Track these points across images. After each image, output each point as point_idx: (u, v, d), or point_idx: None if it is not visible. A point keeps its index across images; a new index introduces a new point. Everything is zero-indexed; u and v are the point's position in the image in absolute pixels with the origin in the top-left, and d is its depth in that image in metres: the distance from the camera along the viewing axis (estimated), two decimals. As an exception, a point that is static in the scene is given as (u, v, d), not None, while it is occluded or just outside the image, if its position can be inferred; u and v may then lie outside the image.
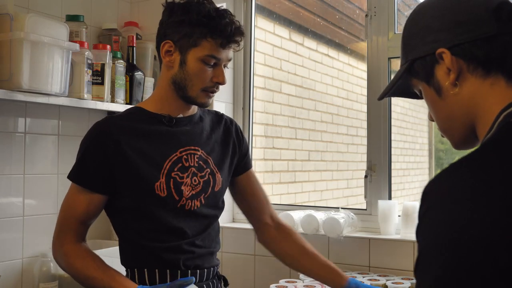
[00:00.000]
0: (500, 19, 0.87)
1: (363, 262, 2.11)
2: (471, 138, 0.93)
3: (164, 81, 1.55)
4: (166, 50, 1.51)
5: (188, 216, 1.51)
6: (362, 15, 2.33)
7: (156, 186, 1.47)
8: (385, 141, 2.21)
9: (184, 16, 1.47)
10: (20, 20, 1.80)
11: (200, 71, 1.48)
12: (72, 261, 1.48)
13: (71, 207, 1.51)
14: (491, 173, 0.72)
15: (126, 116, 1.54)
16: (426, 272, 0.72)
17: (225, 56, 1.50)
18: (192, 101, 1.53)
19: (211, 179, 1.56)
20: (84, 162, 1.49)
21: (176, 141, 1.53)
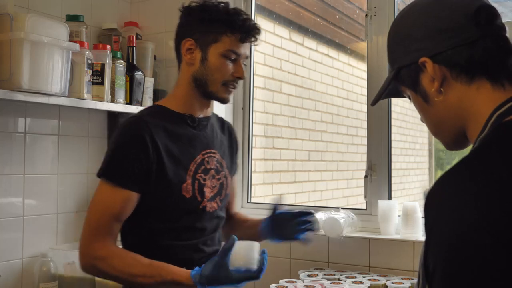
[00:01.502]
0: (479, 24, 0.88)
1: (363, 262, 2.11)
2: (462, 139, 0.94)
3: (184, 79, 1.58)
4: (187, 48, 1.55)
5: (206, 217, 1.57)
6: (362, 15, 2.33)
7: (183, 187, 1.51)
8: (385, 141, 2.21)
9: (203, 14, 1.54)
10: (20, 20, 1.80)
11: (221, 65, 1.53)
12: (114, 263, 1.44)
13: (106, 207, 1.47)
14: (490, 174, 0.73)
15: (154, 115, 1.55)
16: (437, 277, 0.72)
17: (243, 51, 1.56)
18: (213, 96, 1.57)
19: (225, 182, 1.63)
20: (120, 160, 1.47)
21: (199, 143, 1.58)
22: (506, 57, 0.89)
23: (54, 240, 2.24)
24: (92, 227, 1.48)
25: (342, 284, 1.83)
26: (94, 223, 1.48)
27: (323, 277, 1.95)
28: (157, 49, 2.51)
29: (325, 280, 1.91)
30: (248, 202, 2.52)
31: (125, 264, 1.44)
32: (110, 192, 1.47)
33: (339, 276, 1.96)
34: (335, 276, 1.97)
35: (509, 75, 0.88)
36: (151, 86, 2.41)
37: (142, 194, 1.49)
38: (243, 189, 2.52)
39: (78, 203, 2.37)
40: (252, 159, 2.56)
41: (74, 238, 2.33)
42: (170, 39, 2.54)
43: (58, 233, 2.27)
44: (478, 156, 0.78)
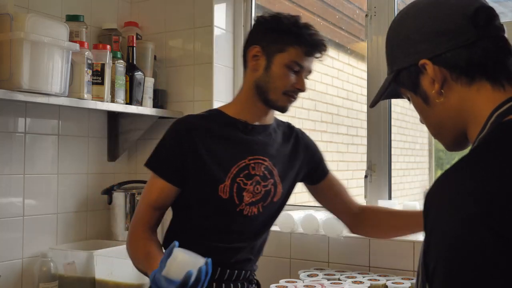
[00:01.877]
0: (478, 25, 0.88)
1: (363, 262, 2.11)
2: (462, 140, 0.94)
3: (247, 85, 1.62)
4: (253, 54, 1.59)
5: (245, 221, 1.59)
6: (362, 15, 2.33)
7: (220, 187, 1.54)
8: (385, 141, 2.20)
9: (273, 24, 1.58)
10: (20, 20, 1.80)
11: (284, 75, 1.55)
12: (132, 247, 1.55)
13: (147, 192, 1.59)
14: (490, 173, 0.73)
15: (205, 116, 1.62)
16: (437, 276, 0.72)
17: (307, 65, 1.58)
18: (272, 104, 1.59)
19: (273, 190, 1.63)
20: (161, 152, 1.59)
21: (247, 149, 1.59)
22: (505, 58, 0.89)
23: (54, 240, 2.25)
24: (135, 212, 1.62)
25: (342, 284, 1.83)
26: (137, 209, 1.61)
27: (323, 277, 1.95)
28: (157, 49, 2.51)
29: (325, 280, 1.91)
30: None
31: (136, 250, 1.54)
32: (151, 180, 1.59)
33: (339, 276, 1.96)
34: (335, 276, 1.97)
35: (508, 76, 0.88)
36: (151, 86, 2.41)
37: (181, 189, 1.57)
38: (243, 189, 2.52)
39: (78, 203, 2.37)
40: (252, 159, 2.56)
41: (74, 238, 2.34)
42: (170, 39, 2.56)
43: (58, 233, 2.27)
44: (478, 155, 0.79)
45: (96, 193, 2.43)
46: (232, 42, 2.56)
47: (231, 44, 2.56)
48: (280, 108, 1.60)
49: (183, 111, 2.49)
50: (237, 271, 1.60)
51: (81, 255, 2.10)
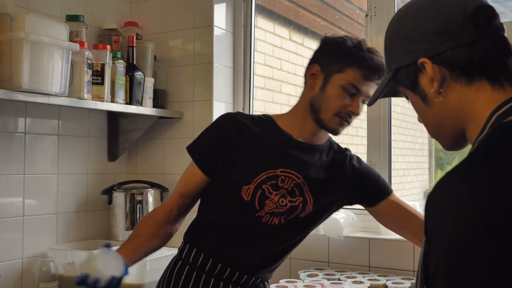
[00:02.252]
0: (478, 24, 0.87)
1: (363, 262, 2.11)
2: (461, 140, 0.93)
3: (303, 101, 1.62)
4: (312, 73, 1.58)
5: (263, 228, 1.57)
6: (362, 15, 2.33)
7: (244, 188, 1.55)
8: (385, 141, 2.20)
9: (337, 45, 1.57)
10: (20, 20, 1.80)
11: (338, 96, 1.53)
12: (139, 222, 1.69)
13: (182, 175, 1.67)
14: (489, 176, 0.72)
15: (254, 119, 1.64)
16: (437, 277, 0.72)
17: (365, 89, 1.54)
18: (323, 124, 1.57)
19: (300, 207, 1.58)
20: (200, 139, 1.65)
21: (282, 160, 1.58)
22: (505, 58, 0.88)
23: (54, 240, 2.25)
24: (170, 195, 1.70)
25: (342, 284, 1.83)
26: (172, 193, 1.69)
27: (323, 277, 1.95)
28: (157, 49, 2.51)
29: (325, 280, 1.91)
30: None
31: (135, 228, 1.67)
32: (190, 164, 1.65)
33: (339, 276, 1.96)
34: (335, 276, 1.97)
35: (508, 76, 0.87)
36: (151, 86, 2.41)
37: (210, 179, 1.61)
38: (243, 189, 2.52)
39: (78, 203, 2.37)
40: (252, 159, 2.56)
41: (74, 238, 2.34)
42: (170, 39, 2.56)
43: (58, 233, 2.27)
44: (478, 157, 0.78)
45: (96, 193, 2.43)
46: (232, 42, 2.56)
47: (231, 44, 2.55)
48: (331, 129, 1.58)
49: (183, 111, 2.49)
50: (246, 275, 1.59)
51: (81, 255, 2.09)
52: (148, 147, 2.57)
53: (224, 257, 1.58)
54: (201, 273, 1.58)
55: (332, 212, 1.69)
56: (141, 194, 2.39)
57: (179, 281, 1.59)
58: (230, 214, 1.58)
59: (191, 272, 1.59)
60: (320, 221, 1.67)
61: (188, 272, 1.59)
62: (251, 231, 1.57)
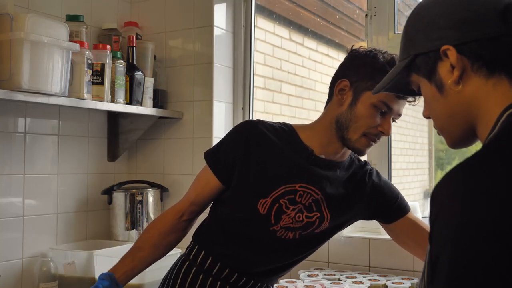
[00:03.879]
0: (507, 21, 0.87)
1: (363, 262, 2.11)
2: (469, 137, 0.93)
3: (328, 117, 1.54)
4: (340, 88, 1.50)
5: (276, 241, 1.54)
6: (362, 15, 2.33)
7: (261, 201, 1.50)
8: (385, 141, 2.20)
9: (368, 60, 1.47)
10: (20, 20, 1.80)
11: (369, 115, 1.46)
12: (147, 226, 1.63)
13: (195, 181, 1.61)
14: (494, 173, 0.72)
15: (275, 129, 1.56)
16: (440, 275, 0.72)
17: (397, 108, 1.47)
18: (349, 144, 1.50)
19: (317, 223, 1.55)
20: (219, 146, 1.59)
21: (301, 175, 1.52)
22: None
23: (54, 240, 2.25)
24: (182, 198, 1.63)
25: (342, 284, 1.83)
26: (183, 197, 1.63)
27: (323, 277, 1.95)
28: (157, 49, 2.51)
29: (325, 280, 1.91)
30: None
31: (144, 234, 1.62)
32: (204, 170, 1.60)
33: (339, 276, 1.96)
34: (335, 276, 1.97)
35: None
36: (151, 86, 2.41)
37: (225, 187, 1.56)
38: (243, 189, 2.52)
39: (78, 203, 2.37)
40: (252, 159, 2.56)
41: (74, 238, 2.34)
42: (170, 39, 2.56)
43: (58, 233, 2.27)
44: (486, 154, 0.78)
45: (96, 193, 2.43)
46: (232, 42, 2.56)
47: (231, 44, 2.55)
48: (357, 150, 1.52)
49: (183, 111, 2.49)
50: (253, 281, 1.58)
51: (81, 255, 2.10)
52: (148, 147, 2.57)
53: (233, 263, 1.55)
54: (208, 276, 1.56)
55: (346, 227, 1.67)
56: (141, 194, 2.39)
57: (185, 283, 1.57)
58: (244, 225, 1.54)
59: (198, 274, 1.57)
60: (333, 235, 1.64)
61: (195, 274, 1.57)
62: (264, 243, 1.54)
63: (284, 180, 1.50)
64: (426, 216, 2.09)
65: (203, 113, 2.45)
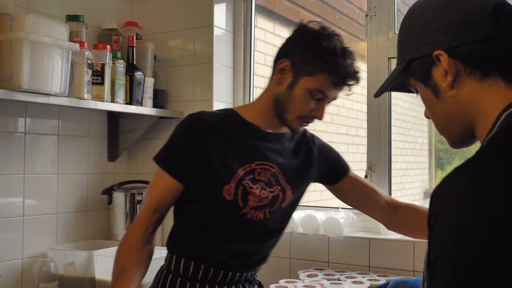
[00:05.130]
0: (498, 21, 0.86)
1: (363, 262, 2.11)
2: (469, 137, 0.92)
3: (268, 94, 1.57)
4: (281, 68, 1.52)
5: (249, 225, 1.55)
6: (362, 15, 2.33)
7: (225, 188, 1.51)
8: (385, 141, 2.21)
9: (311, 44, 1.49)
10: (20, 20, 1.80)
11: (304, 100, 1.50)
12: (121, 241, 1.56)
13: (151, 189, 1.57)
14: (494, 175, 0.72)
15: (218, 115, 1.57)
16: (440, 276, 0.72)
17: (332, 95, 1.52)
18: (285, 123, 1.56)
19: (281, 196, 1.58)
20: (170, 148, 1.55)
21: (255, 154, 1.56)
22: None
23: (54, 240, 2.25)
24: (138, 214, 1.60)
25: (342, 284, 1.83)
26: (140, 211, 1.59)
27: (323, 277, 1.95)
28: (157, 49, 2.51)
29: (325, 280, 1.91)
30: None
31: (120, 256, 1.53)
32: (156, 177, 1.56)
33: (339, 276, 1.96)
34: (335, 276, 1.97)
35: None
36: (151, 86, 2.41)
37: (185, 186, 1.54)
38: (243, 189, 2.52)
39: (78, 203, 2.37)
40: (252, 159, 2.56)
41: (74, 238, 2.34)
42: (170, 39, 2.56)
43: (58, 233, 2.27)
44: (485, 155, 0.78)
45: (96, 193, 2.43)
46: (232, 42, 2.56)
47: (231, 44, 2.56)
48: (292, 129, 1.58)
49: (183, 111, 2.49)
50: (238, 273, 1.58)
51: (81, 255, 2.10)
52: (148, 147, 2.57)
53: (215, 262, 1.54)
54: (195, 282, 1.53)
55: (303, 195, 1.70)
56: (141, 194, 2.39)
57: None
58: (214, 217, 1.54)
59: (184, 283, 1.53)
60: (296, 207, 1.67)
61: (181, 284, 1.53)
62: (238, 230, 1.55)
63: (241, 162, 1.53)
64: (426, 216, 2.09)
65: (203, 113, 2.45)
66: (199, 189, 1.53)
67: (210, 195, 1.52)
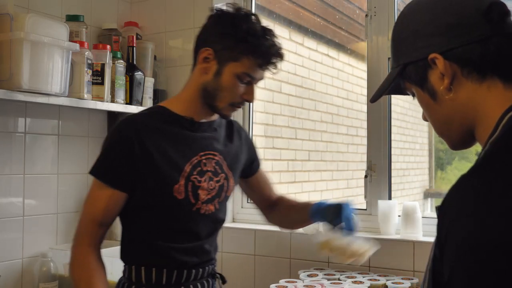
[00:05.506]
0: (492, 21, 0.85)
1: (363, 262, 2.11)
2: (469, 139, 0.91)
3: (194, 85, 1.56)
4: (204, 56, 1.51)
5: (202, 220, 1.55)
6: (362, 15, 2.33)
7: (175, 188, 1.49)
8: (385, 141, 2.20)
9: (231, 29, 1.49)
10: (20, 20, 1.80)
11: (233, 86, 1.50)
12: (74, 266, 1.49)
13: (91, 204, 1.51)
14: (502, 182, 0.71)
15: (150, 115, 1.55)
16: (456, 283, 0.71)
17: (259, 76, 1.53)
18: (217, 111, 1.56)
19: (225, 184, 1.60)
20: (108, 158, 1.50)
21: (197, 145, 1.56)
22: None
23: (54, 240, 2.25)
24: (78, 225, 1.53)
25: (342, 284, 1.83)
26: (80, 221, 1.52)
27: (323, 277, 1.95)
28: (157, 49, 2.51)
29: (325, 280, 1.91)
30: (248, 202, 2.52)
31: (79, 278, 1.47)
32: (95, 189, 1.51)
33: (339, 276, 1.96)
34: (335, 276, 1.97)
35: None
36: (151, 86, 2.41)
37: (131, 194, 1.50)
38: (243, 189, 2.52)
39: (78, 203, 2.37)
40: (252, 159, 2.56)
41: (74, 238, 2.34)
42: (170, 39, 2.56)
43: (58, 233, 2.27)
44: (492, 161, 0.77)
45: (96, 193, 2.42)
46: (232, 42, 2.56)
47: (231, 44, 2.55)
48: (224, 116, 1.58)
49: (183, 111, 2.49)
50: (201, 268, 1.57)
51: (81, 255, 2.09)
52: (148, 147, 2.57)
53: (176, 262, 1.52)
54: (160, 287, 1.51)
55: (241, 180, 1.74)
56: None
57: None
58: (168, 218, 1.51)
59: None
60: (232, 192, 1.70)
61: None
62: (193, 227, 1.53)
63: (186, 157, 1.53)
64: (426, 216, 2.09)
65: (203, 113, 2.45)
66: (147, 194, 1.49)
67: (161, 197, 1.49)
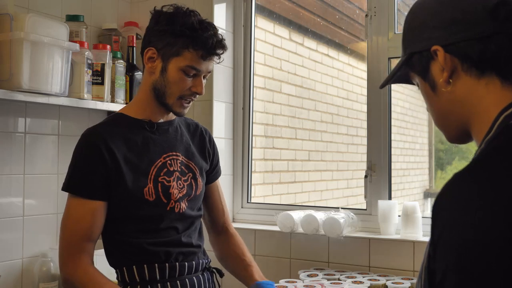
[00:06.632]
0: (497, 19, 0.86)
1: (363, 262, 2.11)
2: (465, 134, 0.92)
3: (145, 86, 1.60)
4: (149, 56, 1.56)
5: (177, 217, 1.58)
6: (362, 15, 2.33)
7: (145, 191, 1.52)
8: (385, 141, 2.21)
9: (168, 26, 1.53)
10: (20, 20, 1.80)
11: (179, 80, 1.54)
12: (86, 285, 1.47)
13: (76, 223, 1.49)
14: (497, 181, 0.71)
15: (111, 124, 1.58)
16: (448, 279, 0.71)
17: (205, 68, 1.56)
18: (168, 108, 1.58)
19: (193, 183, 1.63)
20: (80, 170, 1.51)
21: (160, 148, 1.59)
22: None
23: (54, 240, 2.24)
24: (65, 247, 1.50)
25: (342, 284, 1.83)
26: (67, 242, 1.50)
27: (323, 277, 1.95)
28: (157, 49, 2.51)
29: (325, 280, 1.91)
30: (248, 202, 2.52)
31: None
32: (75, 207, 1.50)
33: (339, 276, 1.96)
34: (335, 276, 1.97)
35: None
36: (151, 86, 2.41)
37: (108, 202, 1.52)
38: (243, 189, 2.52)
39: (78, 203, 2.37)
40: (252, 159, 2.56)
41: (74, 238, 2.33)
42: (170, 39, 2.56)
43: (58, 233, 2.26)
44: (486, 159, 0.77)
45: (96, 193, 2.42)
46: (232, 42, 2.56)
47: (231, 44, 2.55)
48: (176, 113, 1.59)
49: (183, 111, 2.49)
50: (194, 262, 1.60)
51: (81, 255, 2.09)
52: (148, 147, 2.57)
53: (166, 255, 1.54)
54: (155, 282, 1.53)
55: None
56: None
57: None
58: (146, 221, 1.53)
59: (146, 287, 1.53)
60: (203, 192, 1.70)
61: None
62: (171, 225, 1.56)
63: (150, 160, 1.55)
64: (426, 216, 2.09)
65: (203, 113, 2.45)
66: (121, 200, 1.51)
67: (134, 201, 1.51)
